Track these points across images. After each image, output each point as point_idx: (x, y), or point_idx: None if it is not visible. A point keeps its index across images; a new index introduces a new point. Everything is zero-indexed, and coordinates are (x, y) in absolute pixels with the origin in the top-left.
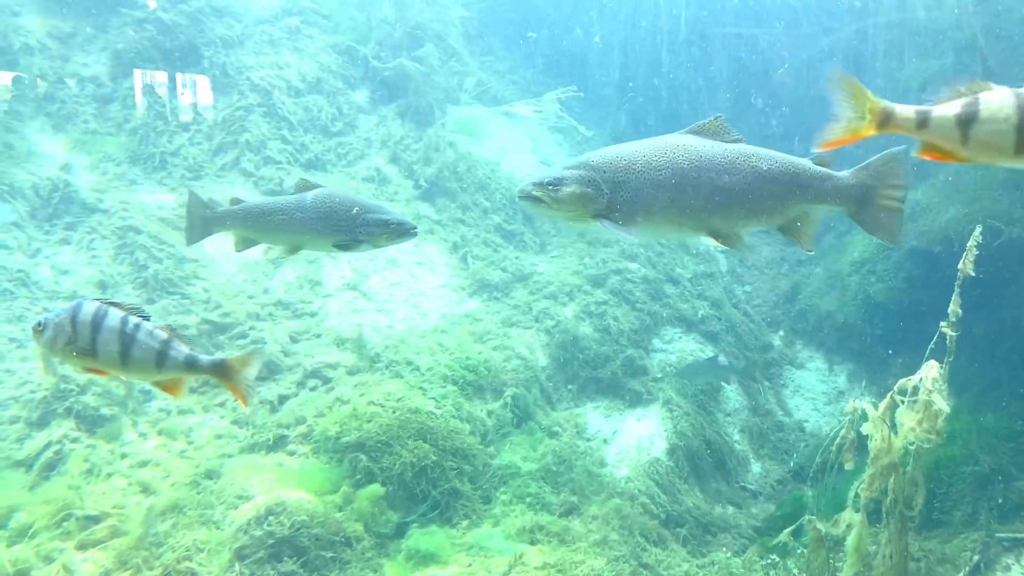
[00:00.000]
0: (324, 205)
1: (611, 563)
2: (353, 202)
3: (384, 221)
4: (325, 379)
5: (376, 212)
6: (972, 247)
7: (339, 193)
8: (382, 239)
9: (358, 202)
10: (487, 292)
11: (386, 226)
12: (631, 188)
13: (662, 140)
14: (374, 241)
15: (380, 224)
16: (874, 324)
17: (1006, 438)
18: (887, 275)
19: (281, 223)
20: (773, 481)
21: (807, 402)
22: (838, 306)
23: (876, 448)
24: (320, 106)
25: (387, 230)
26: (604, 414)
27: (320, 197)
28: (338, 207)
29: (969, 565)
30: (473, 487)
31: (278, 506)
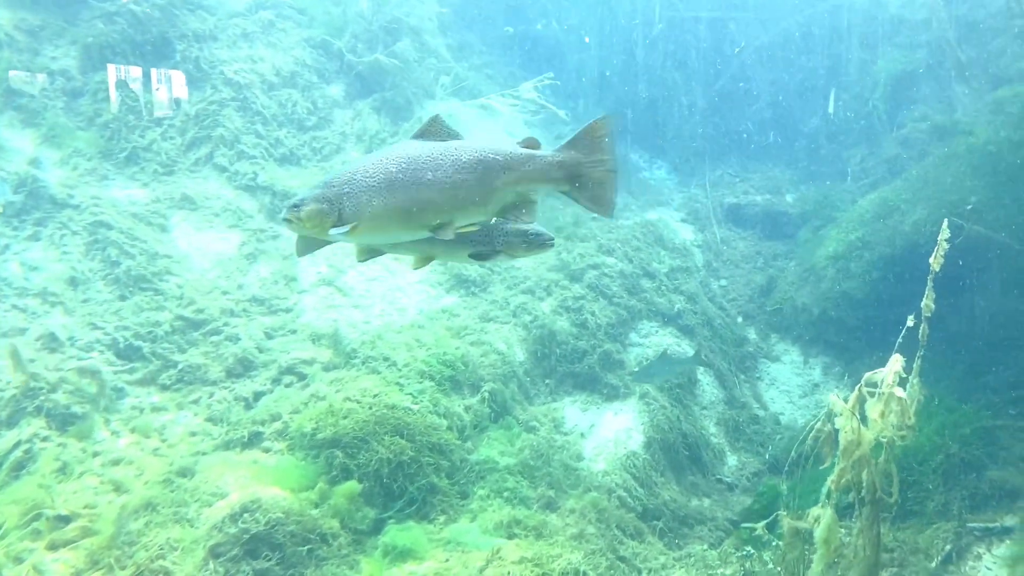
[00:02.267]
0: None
1: (588, 556)
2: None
3: (523, 232)
4: (301, 375)
5: (515, 223)
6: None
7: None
8: (520, 250)
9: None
10: (464, 287)
11: (524, 236)
12: (353, 198)
13: (382, 150)
14: (511, 251)
15: (519, 234)
16: (849, 317)
17: (977, 428)
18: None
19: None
20: (749, 474)
21: (782, 395)
22: (813, 299)
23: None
24: (295, 100)
25: (526, 240)
26: (581, 408)
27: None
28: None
29: (941, 555)
30: (450, 482)
31: (253, 503)
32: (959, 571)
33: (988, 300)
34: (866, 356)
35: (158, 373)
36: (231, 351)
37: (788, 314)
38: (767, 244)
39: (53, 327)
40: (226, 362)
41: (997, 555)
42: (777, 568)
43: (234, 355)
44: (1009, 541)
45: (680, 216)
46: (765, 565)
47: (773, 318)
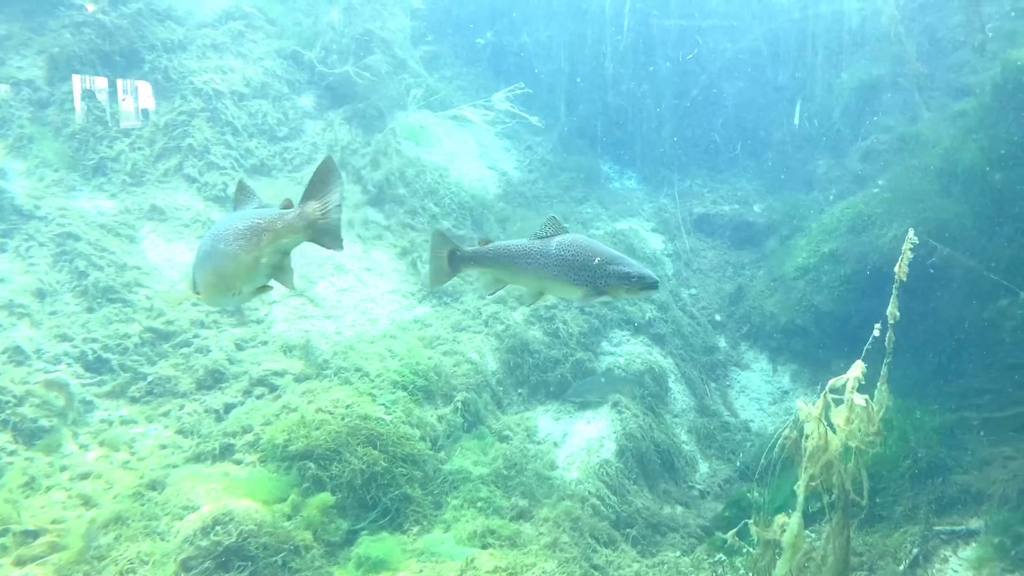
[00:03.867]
0: (567, 252)
1: (562, 565)
2: (595, 251)
3: (626, 274)
4: (272, 387)
5: (618, 264)
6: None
7: (582, 241)
8: (622, 291)
9: (600, 251)
10: (437, 297)
11: (627, 279)
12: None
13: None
14: (614, 293)
15: (621, 277)
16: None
17: (943, 434)
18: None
19: (526, 267)
20: (720, 480)
21: (752, 402)
22: (781, 308)
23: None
24: (265, 111)
25: (628, 283)
26: (554, 417)
27: (563, 244)
28: (579, 255)
29: (909, 558)
30: (424, 493)
31: (225, 516)
32: (926, 574)
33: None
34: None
35: (127, 385)
36: (201, 363)
37: (757, 323)
38: (735, 253)
39: (19, 340)
40: (196, 374)
41: (963, 557)
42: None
43: (205, 367)
44: (975, 543)
45: (650, 226)
46: (737, 571)
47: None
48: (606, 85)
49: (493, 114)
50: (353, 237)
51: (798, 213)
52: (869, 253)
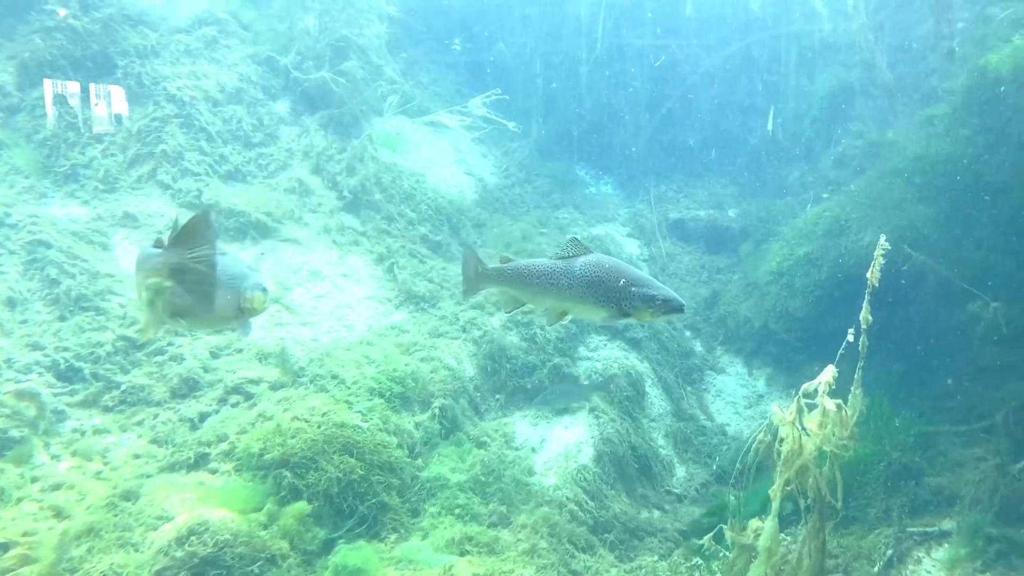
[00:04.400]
0: (591, 273)
1: (540, 571)
2: (620, 273)
3: (651, 297)
4: (247, 395)
5: (643, 286)
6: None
7: (607, 262)
8: (646, 315)
9: (625, 272)
10: (414, 303)
11: (652, 302)
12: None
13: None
14: (638, 316)
15: (647, 299)
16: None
17: (916, 437)
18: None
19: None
20: (697, 484)
21: (728, 406)
22: (755, 313)
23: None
24: (240, 117)
25: (652, 306)
26: (532, 423)
27: (588, 264)
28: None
29: (883, 559)
30: (401, 500)
31: (200, 525)
32: (900, 575)
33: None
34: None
35: (100, 395)
36: (176, 371)
37: (732, 327)
38: (711, 258)
39: None
40: (171, 382)
41: (936, 558)
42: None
43: (179, 375)
44: (947, 544)
45: (626, 231)
46: (714, 575)
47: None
48: (582, 91)
49: (470, 120)
50: (329, 243)
51: (772, 218)
52: (843, 257)
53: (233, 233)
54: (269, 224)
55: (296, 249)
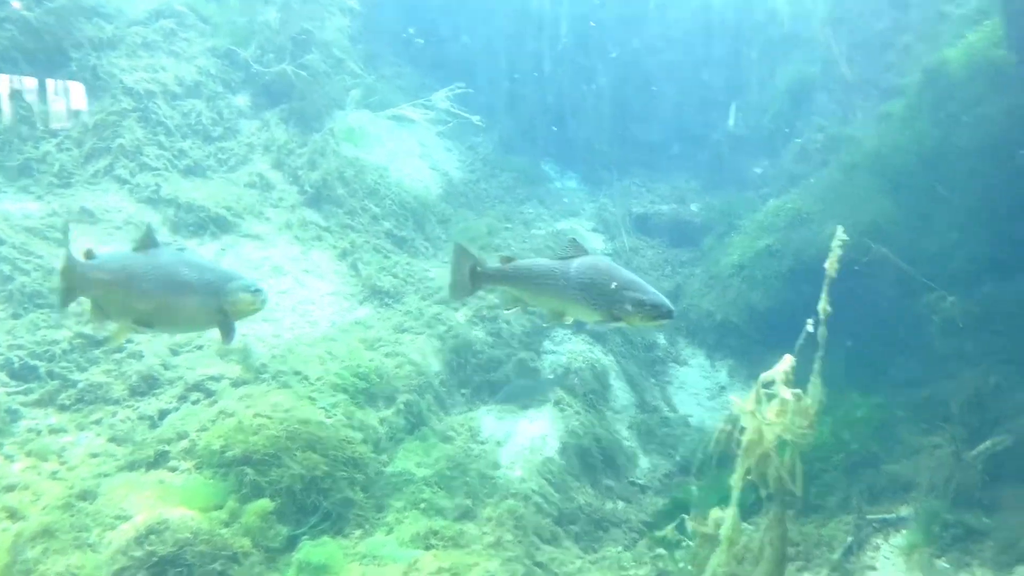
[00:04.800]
0: (585, 275)
1: (505, 563)
2: (612, 276)
3: (640, 301)
4: (208, 392)
5: (633, 290)
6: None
7: (601, 264)
8: (635, 319)
9: (617, 276)
10: (378, 299)
11: (641, 307)
12: None
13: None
14: (627, 320)
15: (635, 304)
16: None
17: (873, 425)
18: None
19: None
20: (661, 475)
21: (691, 397)
22: (717, 306)
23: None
24: (199, 110)
25: (641, 311)
26: (497, 417)
27: (583, 266)
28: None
29: (843, 546)
30: (366, 496)
31: (160, 524)
32: (860, 561)
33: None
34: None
35: (56, 393)
36: (135, 368)
37: (695, 320)
38: (674, 252)
39: None
40: (129, 380)
41: (894, 544)
42: (689, 567)
43: (138, 372)
44: (905, 531)
45: (591, 226)
46: (677, 564)
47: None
48: (546, 85)
49: (433, 113)
50: (291, 238)
51: (734, 212)
52: (803, 249)
53: (192, 228)
54: (229, 219)
55: (257, 244)
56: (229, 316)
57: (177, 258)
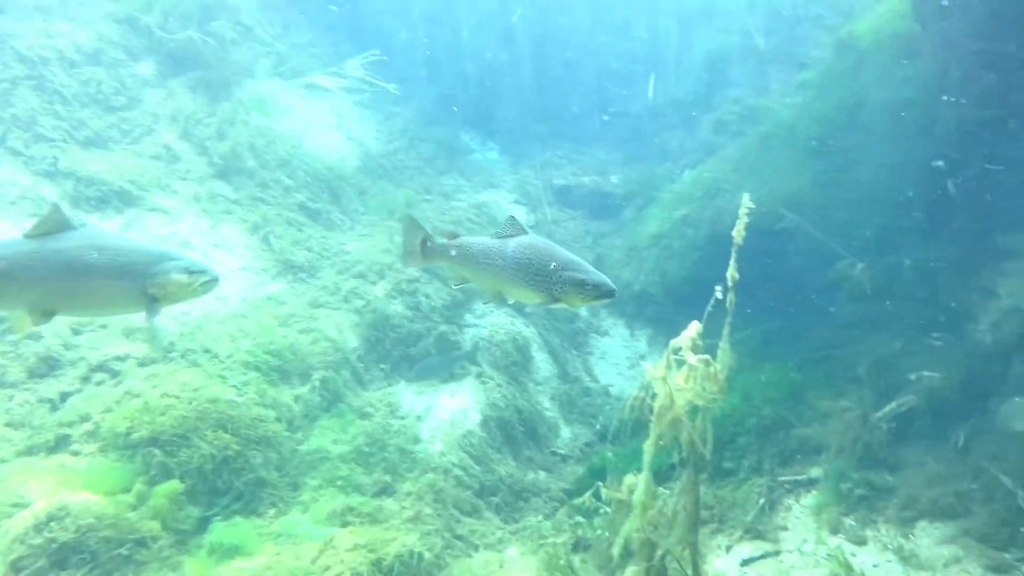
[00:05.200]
0: (523, 255)
1: (424, 537)
2: (552, 256)
3: (581, 281)
4: (113, 372)
5: (574, 270)
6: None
7: (539, 244)
8: (577, 299)
9: (557, 256)
10: (292, 273)
11: (582, 286)
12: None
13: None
14: (568, 300)
15: (576, 284)
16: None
17: (783, 390)
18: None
19: (486, 267)
20: (582, 444)
21: (612, 367)
22: (635, 276)
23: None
24: (99, 79)
25: (583, 291)
26: (417, 391)
27: (520, 246)
28: (535, 259)
29: (756, 508)
30: (280, 475)
31: (60, 510)
32: (772, 522)
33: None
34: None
35: None
36: (32, 350)
37: None
38: (595, 223)
39: None
40: (27, 362)
41: (805, 505)
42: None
43: (36, 354)
44: (815, 492)
45: (513, 198)
46: (596, 531)
47: None
48: (464, 54)
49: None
50: (199, 212)
51: (653, 183)
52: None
53: (94, 202)
54: (134, 192)
55: (163, 219)
56: (159, 300)
57: (89, 241)
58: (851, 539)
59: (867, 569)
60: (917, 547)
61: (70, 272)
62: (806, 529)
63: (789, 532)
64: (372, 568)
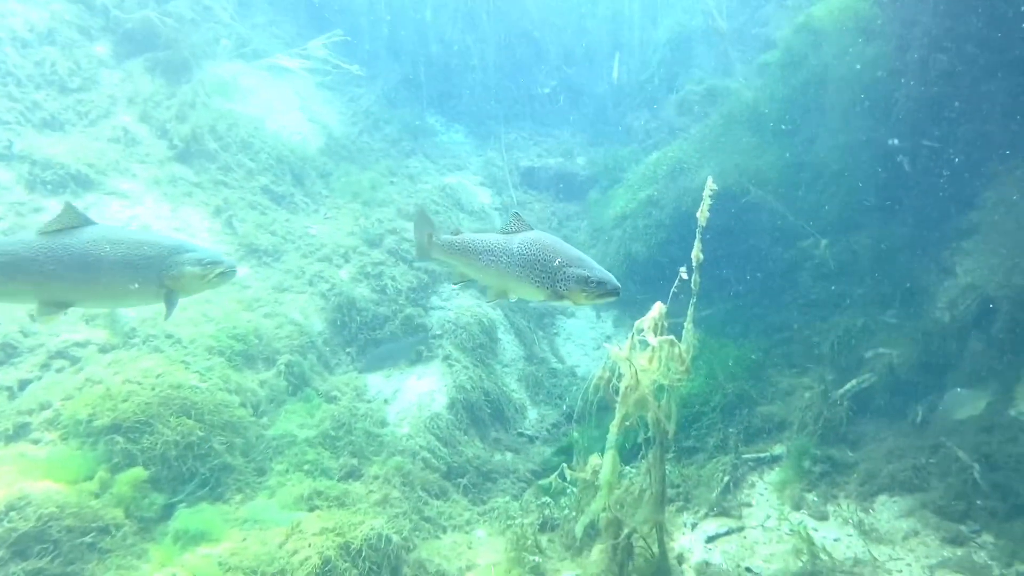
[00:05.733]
0: (528, 251)
1: (392, 520)
2: (556, 252)
3: (584, 278)
4: (73, 359)
5: (578, 267)
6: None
7: (545, 240)
8: (581, 296)
9: (561, 252)
10: (256, 257)
11: (586, 283)
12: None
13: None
14: (572, 298)
15: (580, 281)
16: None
17: (747, 369)
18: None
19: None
20: (548, 425)
21: (578, 348)
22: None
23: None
24: (54, 59)
25: (586, 288)
26: (385, 374)
27: (525, 243)
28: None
29: (721, 485)
30: (246, 460)
31: (20, 500)
32: (736, 499)
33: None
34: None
35: None
36: None
37: None
38: (561, 205)
39: None
40: None
41: (768, 481)
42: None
43: None
44: (778, 468)
45: (478, 180)
46: (563, 510)
47: None
48: (428, 35)
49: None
50: (159, 195)
51: (618, 165)
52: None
53: (51, 186)
54: (92, 176)
55: (123, 203)
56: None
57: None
58: (813, 514)
59: (828, 543)
60: (877, 521)
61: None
62: (769, 505)
63: (753, 508)
64: (340, 552)
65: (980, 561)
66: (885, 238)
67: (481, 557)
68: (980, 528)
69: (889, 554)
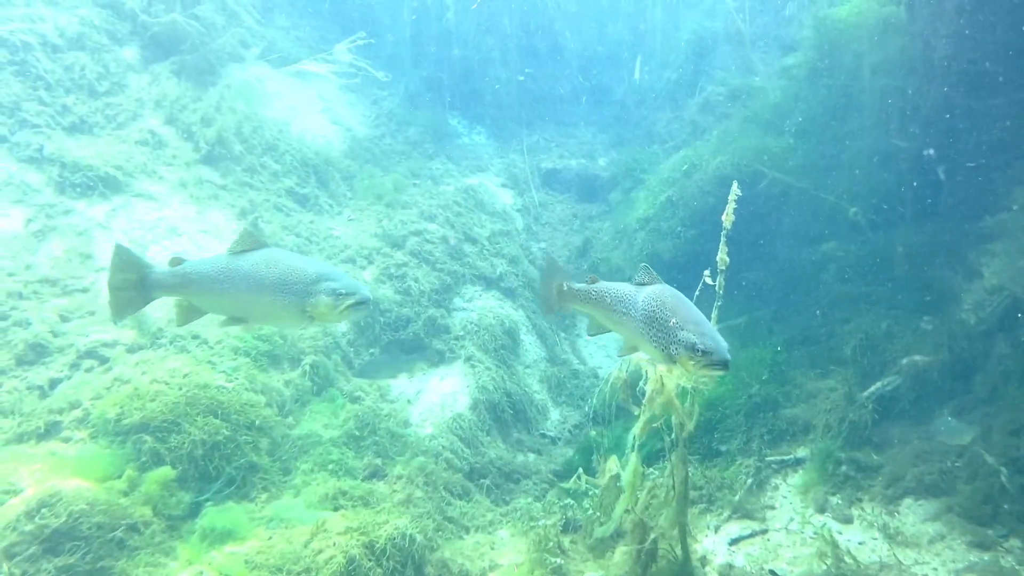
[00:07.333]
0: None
1: (415, 520)
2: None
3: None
4: (102, 359)
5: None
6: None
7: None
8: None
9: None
10: None
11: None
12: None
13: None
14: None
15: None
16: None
17: (772, 370)
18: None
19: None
20: (571, 426)
21: (600, 350)
22: (625, 260)
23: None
24: (83, 64)
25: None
26: (408, 375)
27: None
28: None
29: (744, 488)
30: (271, 460)
31: (52, 497)
32: (759, 502)
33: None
34: None
35: None
36: (21, 337)
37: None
38: (583, 207)
39: None
40: (15, 349)
41: (792, 484)
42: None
43: (24, 341)
44: (801, 471)
45: (500, 181)
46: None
47: None
48: (451, 38)
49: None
50: (186, 197)
51: (640, 166)
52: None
53: (80, 189)
54: (120, 179)
55: (150, 205)
56: (314, 319)
57: (266, 258)
58: (837, 517)
59: (853, 547)
60: (902, 524)
61: (246, 286)
62: (793, 508)
63: (776, 511)
64: (364, 551)
65: (1007, 566)
66: (910, 239)
67: (504, 558)
68: (1007, 532)
69: (915, 558)
